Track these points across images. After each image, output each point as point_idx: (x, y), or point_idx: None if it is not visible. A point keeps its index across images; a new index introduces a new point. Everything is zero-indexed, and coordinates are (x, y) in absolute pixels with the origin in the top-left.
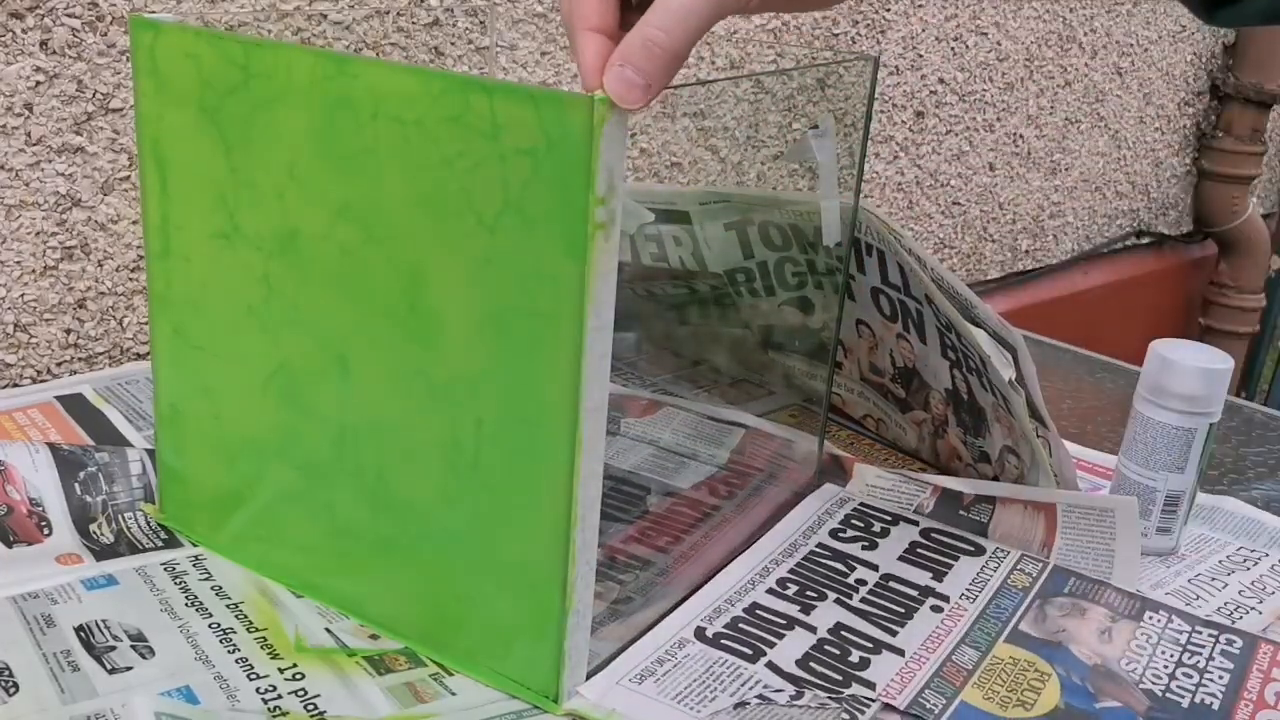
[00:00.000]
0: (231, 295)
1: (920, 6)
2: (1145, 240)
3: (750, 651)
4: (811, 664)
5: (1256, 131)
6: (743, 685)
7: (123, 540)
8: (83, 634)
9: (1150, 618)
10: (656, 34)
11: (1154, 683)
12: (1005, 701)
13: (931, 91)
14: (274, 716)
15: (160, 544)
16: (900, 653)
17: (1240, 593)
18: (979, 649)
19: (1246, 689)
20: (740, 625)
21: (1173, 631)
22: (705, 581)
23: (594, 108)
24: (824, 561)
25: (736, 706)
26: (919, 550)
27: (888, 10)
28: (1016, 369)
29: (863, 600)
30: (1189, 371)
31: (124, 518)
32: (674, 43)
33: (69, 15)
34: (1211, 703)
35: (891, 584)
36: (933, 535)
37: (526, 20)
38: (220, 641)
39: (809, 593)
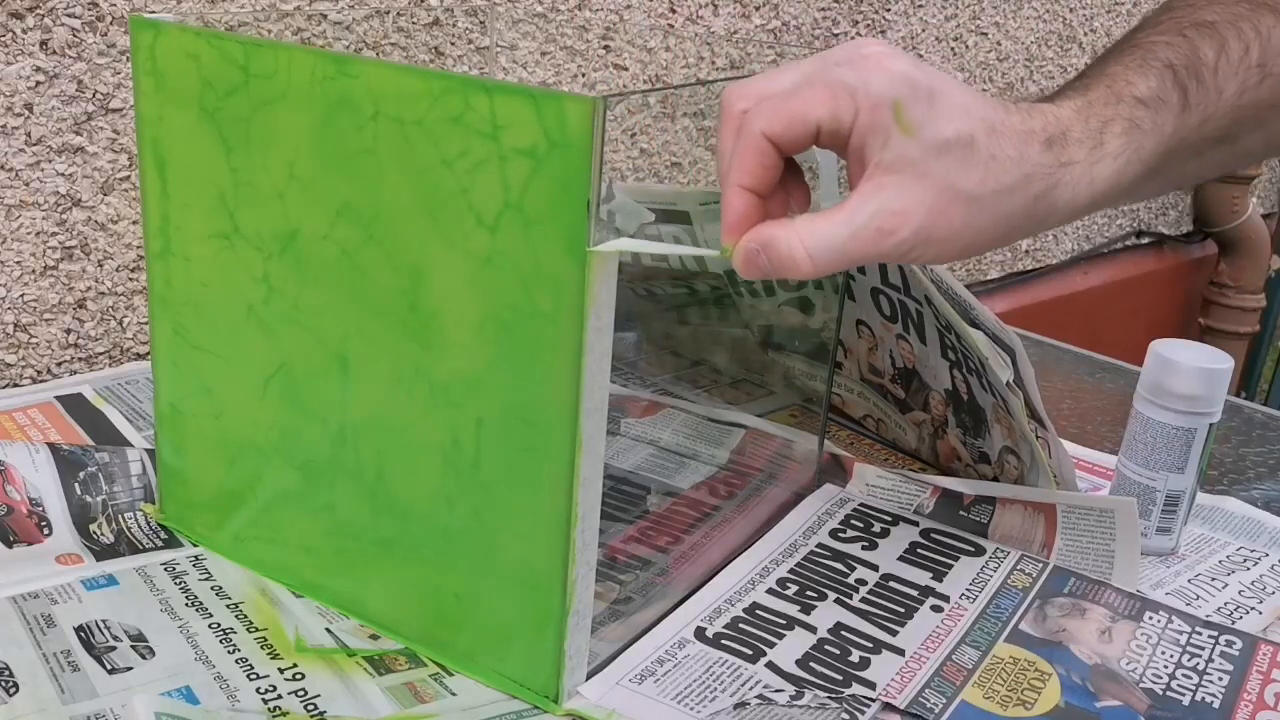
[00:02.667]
0: (231, 295)
1: (920, 6)
2: (1145, 240)
3: (750, 651)
4: (811, 664)
5: None
6: (743, 685)
7: (123, 540)
8: (83, 634)
9: (1150, 618)
10: (803, 259)
11: (1154, 682)
12: (1006, 701)
13: None
14: (274, 716)
15: (160, 544)
16: (900, 652)
17: (1240, 593)
18: (979, 649)
19: (1246, 690)
20: (740, 625)
21: (1173, 632)
22: (705, 581)
23: (594, 107)
24: (824, 561)
25: (736, 706)
26: (919, 550)
27: (888, 10)
28: (1015, 371)
29: (863, 600)
30: (1189, 371)
31: (124, 518)
32: (816, 271)
33: (69, 15)
34: (1212, 701)
35: (891, 584)
36: (933, 535)
37: (526, 20)
38: (220, 641)
39: (809, 593)
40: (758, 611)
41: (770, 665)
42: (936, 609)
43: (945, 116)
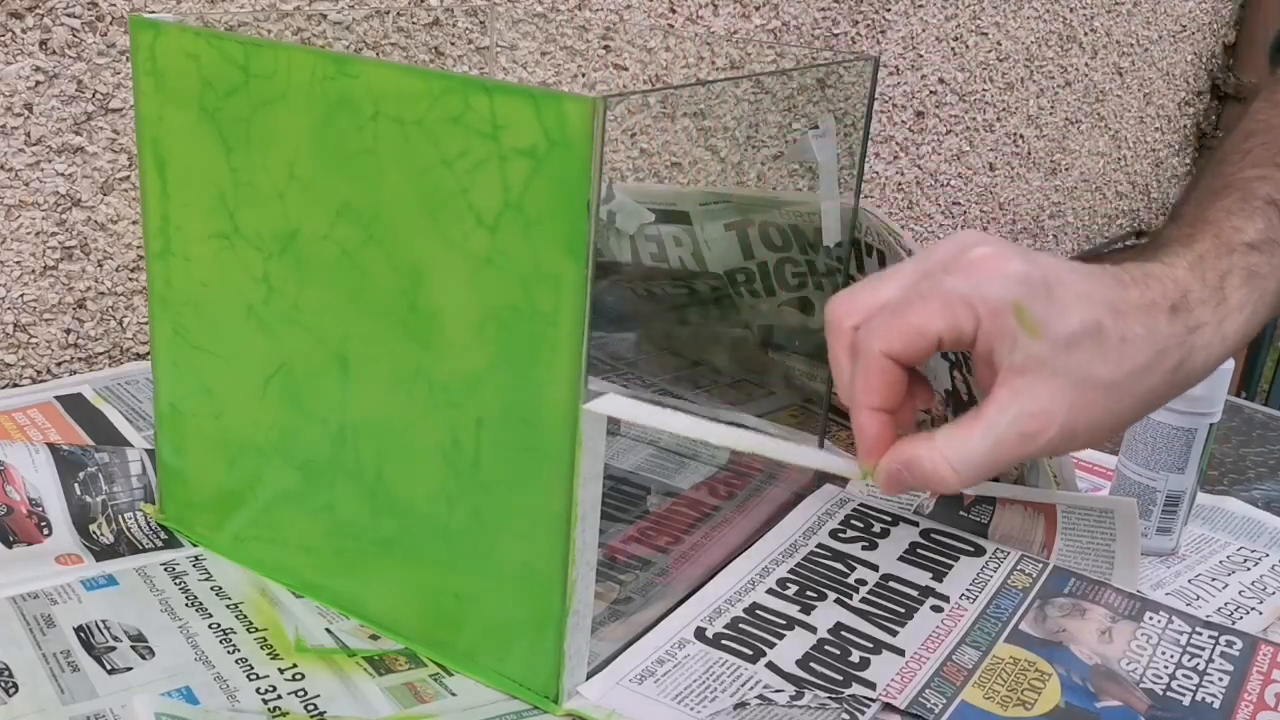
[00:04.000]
0: (231, 295)
1: (920, 6)
2: (1145, 240)
3: (750, 652)
4: (811, 664)
5: None
6: (743, 685)
7: (123, 540)
8: (83, 634)
9: (1150, 618)
10: (949, 474)
11: (1154, 682)
12: (1006, 701)
13: (931, 91)
14: (274, 717)
15: (160, 544)
16: (900, 652)
17: (1240, 593)
18: (979, 649)
19: (1246, 691)
20: (740, 625)
21: (1173, 632)
22: (705, 581)
23: (594, 107)
24: (824, 562)
25: (736, 707)
26: (919, 550)
27: (888, 10)
28: None
29: (863, 600)
30: None
31: (124, 518)
32: (963, 484)
33: (69, 15)
34: (1212, 702)
35: (891, 584)
36: (933, 536)
37: (526, 20)
38: (220, 642)
39: (809, 593)
40: (758, 611)
41: (770, 665)
42: (936, 609)
43: (1068, 308)
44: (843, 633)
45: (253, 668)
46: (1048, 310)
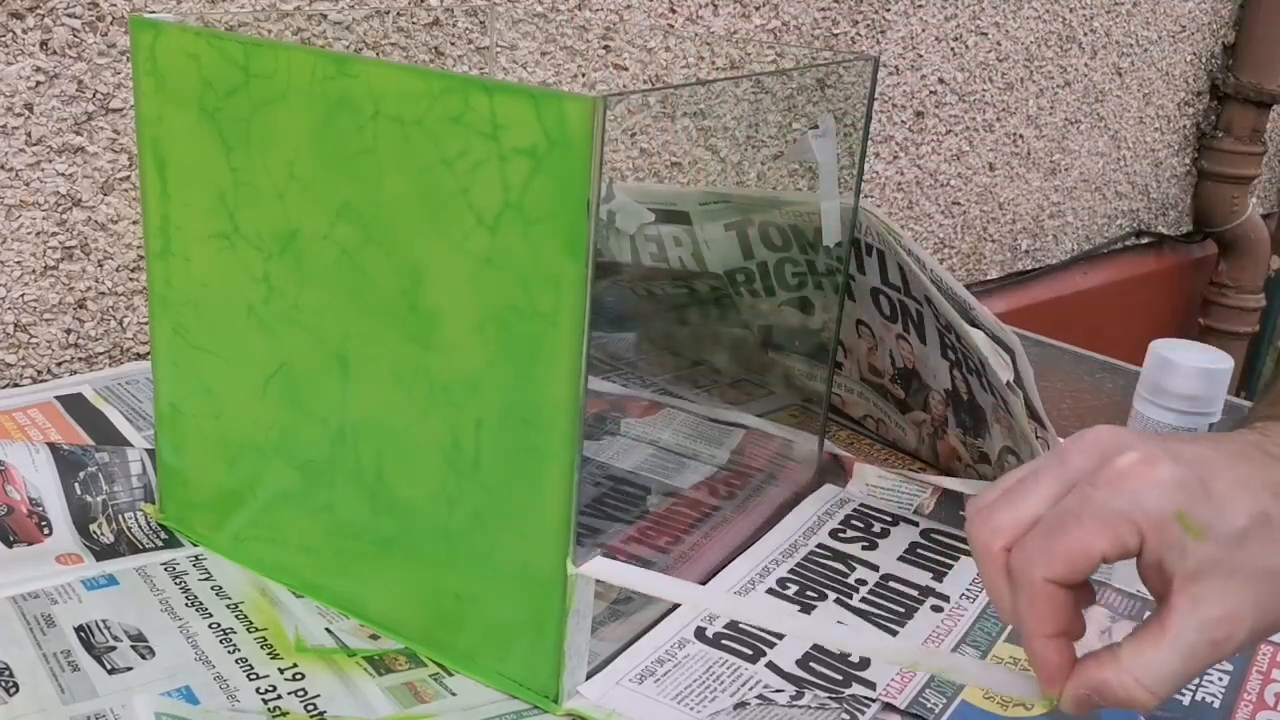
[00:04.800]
0: (231, 295)
1: (920, 6)
2: (1145, 240)
3: (750, 651)
4: (812, 664)
5: (1256, 131)
6: (743, 685)
7: (123, 540)
8: (83, 634)
9: None
10: (1144, 696)
11: None
12: (1006, 701)
13: (931, 91)
14: (274, 716)
15: (160, 544)
16: None
17: None
18: (979, 649)
19: (1246, 690)
20: (740, 625)
21: None
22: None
23: (594, 107)
24: (824, 561)
25: (736, 706)
26: (919, 550)
27: (888, 10)
28: (1015, 371)
29: (863, 600)
30: (1189, 371)
31: (124, 518)
32: (1157, 702)
33: (69, 15)
34: (1212, 702)
35: (891, 584)
36: (933, 536)
37: (526, 20)
38: (220, 641)
39: (809, 593)
40: None
41: (770, 665)
42: (937, 609)
43: (1230, 503)
44: None
45: (253, 667)
46: (1210, 511)
